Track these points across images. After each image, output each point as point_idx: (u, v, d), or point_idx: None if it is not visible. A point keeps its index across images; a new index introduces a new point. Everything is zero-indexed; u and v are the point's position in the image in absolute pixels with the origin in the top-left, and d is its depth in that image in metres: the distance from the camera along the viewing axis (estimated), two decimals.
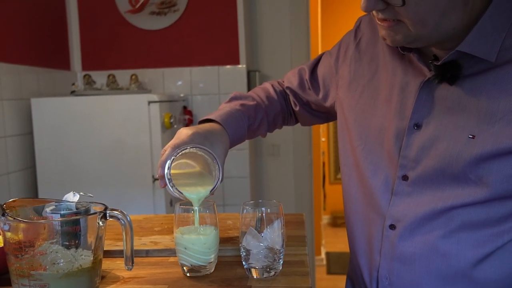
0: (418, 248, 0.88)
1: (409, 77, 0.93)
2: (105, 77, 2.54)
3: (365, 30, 1.07)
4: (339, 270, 4.01)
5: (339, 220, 5.34)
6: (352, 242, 1.03)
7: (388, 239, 0.92)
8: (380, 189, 0.94)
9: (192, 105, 2.66)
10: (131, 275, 0.92)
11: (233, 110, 1.10)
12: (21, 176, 2.09)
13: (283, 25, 2.79)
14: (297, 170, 2.87)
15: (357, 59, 1.05)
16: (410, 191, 0.90)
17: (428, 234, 0.87)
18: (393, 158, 0.92)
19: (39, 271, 0.77)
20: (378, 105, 0.97)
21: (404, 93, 0.93)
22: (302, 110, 1.22)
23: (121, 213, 0.83)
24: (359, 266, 1.00)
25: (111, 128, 2.06)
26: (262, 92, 1.21)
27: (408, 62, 0.94)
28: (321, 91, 1.15)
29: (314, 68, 1.18)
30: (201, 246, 0.88)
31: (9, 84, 2.01)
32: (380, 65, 1.00)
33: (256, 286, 0.85)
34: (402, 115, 0.92)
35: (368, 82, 1.01)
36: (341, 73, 1.08)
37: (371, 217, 0.96)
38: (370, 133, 0.97)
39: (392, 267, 0.91)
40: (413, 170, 0.89)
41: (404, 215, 0.90)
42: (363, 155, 0.98)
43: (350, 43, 1.09)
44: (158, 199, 2.08)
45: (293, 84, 1.20)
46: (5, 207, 0.80)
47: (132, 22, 2.61)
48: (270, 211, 0.88)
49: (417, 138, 0.89)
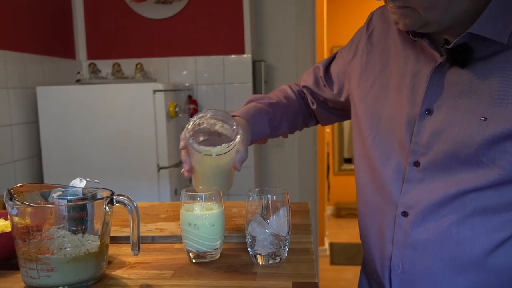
0: (431, 235, 0.88)
1: (421, 64, 0.93)
2: (110, 66, 2.54)
3: (377, 23, 1.07)
4: (342, 260, 4.03)
5: (343, 211, 5.35)
6: (364, 233, 1.03)
7: (401, 227, 0.91)
8: (391, 177, 0.94)
9: (197, 95, 2.65)
10: (137, 260, 0.93)
11: (250, 107, 1.12)
12: (26, 164, 2.10)
13: (288, 15, 2.77)
14: (302, 161, 2.87)
15: (368, 51, 1.06)
16: (422, 177, 0.89)
17: (441, 220, 0.87)
18: (404, 145, 0.92)
19: (46, 255, 0.77)
20: (389, 94, 0.97)
21: (416, 80, 0.93)
22: (319, 108, 1.22)
23: (127, 199, 0.83)
24: (371, 256, 1.00)
25: (116, 116, 2.06)
26: (280, 93, 1.23)
27: (420, 50, 0.94)
28: (335, 87, 1.15)
29: (328, 65, 1.19)
30: (206, 222, 0.89)
31: (15, 73, 2.01)
32: (392, 56, 1.00)
33: (261, 272, 0.86)
34: (413, 102, 0.92)
35: (379, 73, 1.01)
36: (353, 66, 1.09)
37: (383, 206, 0.96)
38: (381, 122, 0.97)
39: (405, 255, 0.91)
40: (425, 156, 0.89)
41: (416, 202, 0.89)
42: (374, 145, 0.98)
43: (362, 37, 1.09)
44: (163, 188, 2.09)
45: (309, 83, 1.21)
46: (12, 191, 0.80)
47: (137, 11, 2.60)
48: (276, 199, 0.88)
49: (429, 123, 0.89)
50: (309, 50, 2.79)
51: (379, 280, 0.98)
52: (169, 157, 2.09)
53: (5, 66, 1.94)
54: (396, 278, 0.93)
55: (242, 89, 2.64)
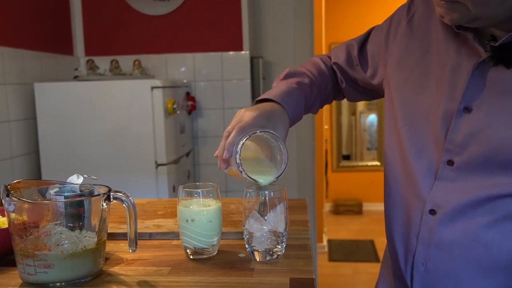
0: (457, 236, 0.85)
1: (463, 57, 0.87)
2: (108, 62, 2.54)
3: (419, 6, 1.00)
4: (340, 257, 4.04)
5: (341, 208, 5.36)
6: (390, 224, 0.99)
7: (427, 224, 0.89)
8: (422, 172, 0.90)
9: (195, 91, 2.65)
10: (135, 257, 0.93)
11: (292, 90, 1.05)
12: (24, 160, 2.10)
13: (287, 12, 2.77)
14: (300, 158, 2.87)
15: (408, 35, 1.00)
16: (455, 176, 0.86)
17: (469, 222, 0.84)
18: (438, 141, 0.88)
19: (43, 252, 0.77)
20: (428, 85, 0.92)
21: (456, 74, 0.88)
22: (348, 86, 1.18)
23: (124, 195, 0.83)
24: (394, 248, 0.97)
25: (114, 113, 2.06)
26: (314, 68, 1.16)
27: (462, 42, 0.88)
28: (369, 69, 1.10)
29: (363, 43, 1.13)
30: (203, 218, 0.89)
31: (13, 69, 2.01)
32: (433, 43, 0.94)
33: (259, 269, 0.86)
34: (451, 97, 0.87)
35: (419, 61, 0.96)
36: (391, 50, 1.03)
37: (411, 200, 0.93)
38: (416, 114, 0.93)
39: (429, 253, 0.89)
40: (459, 155, 0.85)
41: (446, 201, 0.87)
42: (407, 136, 0.94)
43: (402, 19, 1.03)
44: (161, 185, 2.09)
45: (340, 60, 1.16)
46: (9, 188, 0.80)
47: (135, 7, 2.60)
48: (273, 195, 0.88)
49: (466, 122, 0.85)
50: (307, 47, 2.79)
51: (400, 275, 0.95)
52: (167, 153, 2.09)
53: (3, 62, 1.94)
54: (418, 275, 0.90)
55: (240, 85, 2.64)
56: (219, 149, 0.90)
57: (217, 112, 2.67)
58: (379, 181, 6.39)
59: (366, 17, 4.90)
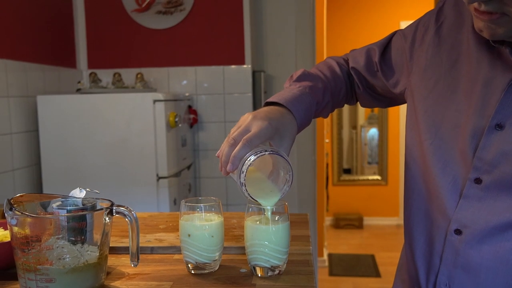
0: (485, 259, 0.81)
1: (497, 71, 0.82)
2: (111, 75, 2.55)
3: (449, 14, 0.95)
4: (341, 271, 4.01)
5: (341, 222, 5.34)
6: (410, 240, 0.95)
7: (452, 244, 0.85)
8: (447, 189, 0.86)
9: (197, 105, 2.66)
10: (136, 271, 0.92)
11: (304, 95, 1.01)
12: (26, 173, 2.10)
13: (288, 26, 2.79)
14: (301, 171, 2.87)
15: (436, 44, 0.95)
16: (482, 196, 0.82)
17: (498, 245, 0.80)
18: (466, 158, 0.84)
19: (45, 266, 0.77)
20: (455, 98, 0.88)
21: (488, 89, 0.83)
22: (365, 92, 1.14)
23: (127, 210, 0.83)
24: (415, 265, 0.93)
25: (116, 126, 2.07)
26: (328, 71, 1.12)
27: (496, 55, 0.83)
28: (391, 77, 1.05)
29: (385, 49, 1.08)
30: (205, 233, 0.88)
31: (16, 81, 2.02)
32: (463, 54, 0.89)
33: (260, 284, 0.85)
34: (482, 112, 0.82)
35: (446, 72, 0.91)
36: (416, 58, 0.98)
37: (434, 217, 0.89)
38: (442, 127, 0.89)
39: (454, 275, 0.85)
40: (489, 174, 0.81)
41: (473, 221, 0.82)
42: (431, 150, 0.89)
43: (429, 26, 0.97)
44: (162, 198, 2.09)
45: (359, 65, 1.11)
46: (12, 202, 0.80)
47: (138, 21, 2.62)
48: (275, 210, 0.88)
49: (498, 139, 0.80)
50: (309, 61, 2.81)
51: None
52: (168, 167, 2.09)
53: (6, 74, 1.95)
54: None
55: (241, 99, 2.65)
56: (222, 152, 0.87)
57: (218, 126, 2.67)
58: (379, 195, 6.36)
59: (368, 30, 4.93)
